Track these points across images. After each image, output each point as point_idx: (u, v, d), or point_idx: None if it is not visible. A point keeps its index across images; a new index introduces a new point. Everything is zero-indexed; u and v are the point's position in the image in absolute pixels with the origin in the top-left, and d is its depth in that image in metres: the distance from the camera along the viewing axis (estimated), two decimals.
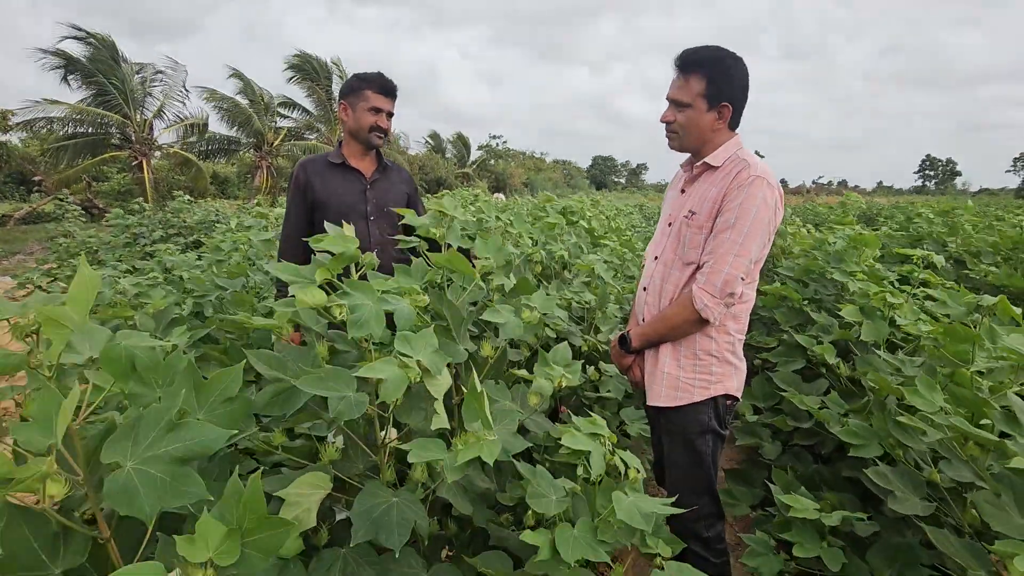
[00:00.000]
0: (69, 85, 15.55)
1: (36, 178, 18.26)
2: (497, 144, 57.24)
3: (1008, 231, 3.88)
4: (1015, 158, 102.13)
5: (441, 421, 1.19)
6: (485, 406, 1.17)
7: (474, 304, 1.97)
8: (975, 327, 1.57)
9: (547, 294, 2.48)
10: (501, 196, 15.91)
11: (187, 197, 8.60)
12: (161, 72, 17.13)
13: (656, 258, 1.70)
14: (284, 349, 1.21)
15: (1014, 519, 1.10)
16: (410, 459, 1.03)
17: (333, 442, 1.28)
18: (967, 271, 3.77)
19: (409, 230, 2.03)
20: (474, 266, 1.82)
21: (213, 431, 0.84)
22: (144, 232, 7.71)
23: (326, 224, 1.30)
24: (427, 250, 1.69)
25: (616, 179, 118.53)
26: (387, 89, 2.09)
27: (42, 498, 0.73)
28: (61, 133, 16.08)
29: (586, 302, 2.35)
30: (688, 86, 1.53)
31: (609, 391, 2.16)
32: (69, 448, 0.84)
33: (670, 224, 1.68)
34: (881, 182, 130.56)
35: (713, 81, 1.51)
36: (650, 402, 1.66)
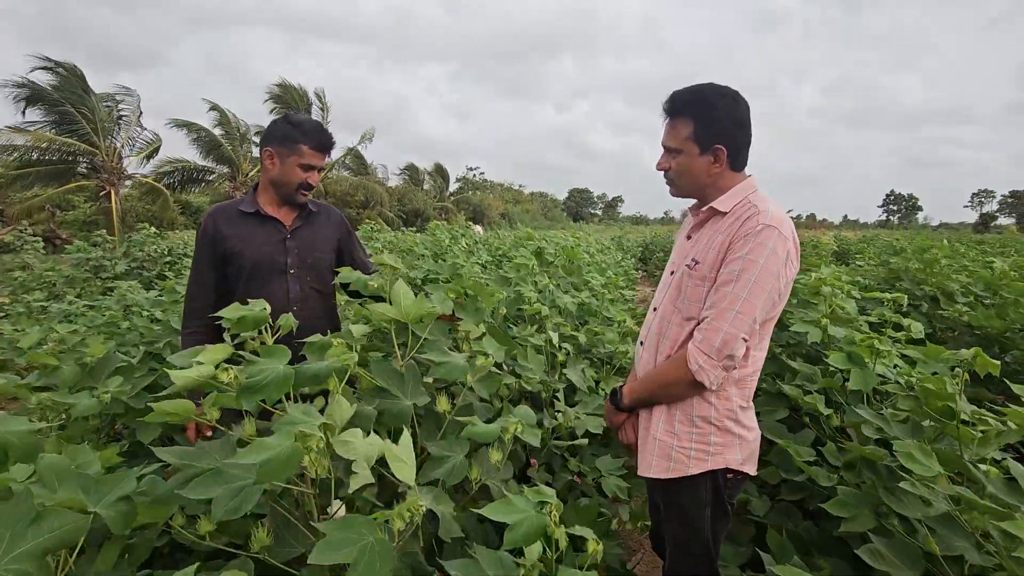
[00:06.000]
0: (24, 115, 15.23)
1: None
2: (475, 175, 57.76)
3: (980, 271, 3.92)
4: (973, 193, 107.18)
5: (363, 480, 1.05)
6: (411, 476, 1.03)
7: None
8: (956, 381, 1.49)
9: (514, 338, 2.39)
10: (479, 228, 15.89)
11: (152, 229, 8.34)
12: (113, 96, 16.85)
13: (655, 310, 1.55)
14: (205, 446, 1.08)
15: None
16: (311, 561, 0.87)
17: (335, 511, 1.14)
18: (940, 311, 3.79)
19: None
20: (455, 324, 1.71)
21: (78, 518, 0.80)
22: (107, 266, 7.42)
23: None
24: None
25: (592, 211, 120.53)
26: (325, 146, 1.85)
27: None
28: (24, 159, 15.63)
29: (551, 344, 2.24)
30: (676, 131, 1.42)
31: (577, 445, 2.03)
32: None
33: (672, 273, 1.54)
34: (847, 216, 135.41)
35: (701, 122, 1.39)
36: (641, 472, 1.50)
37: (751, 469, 1.46)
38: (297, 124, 1.80)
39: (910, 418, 1.60)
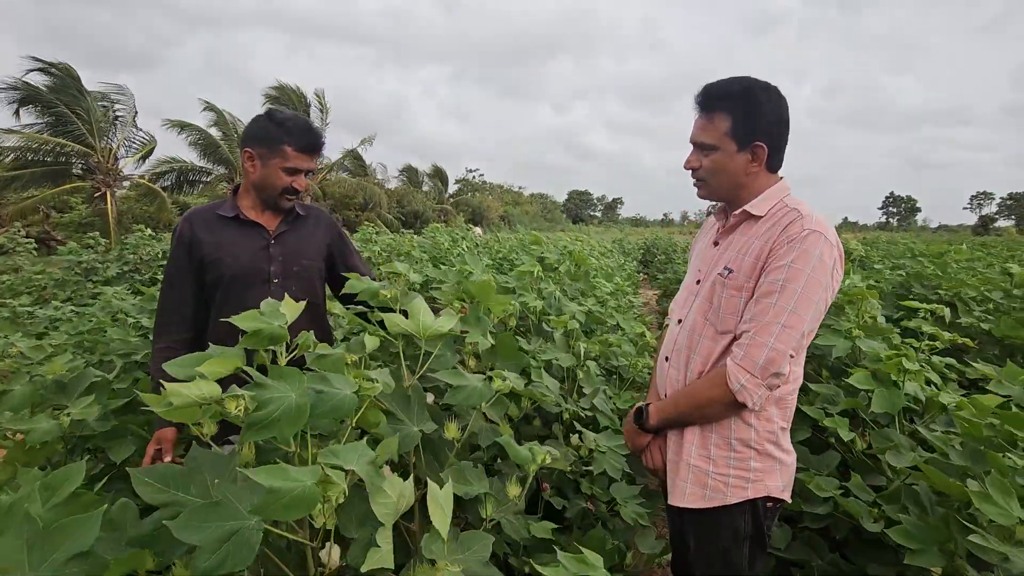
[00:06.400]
0: (19, 117, 14.99)
1: None
2: (474, 177, 57.73)
3: (996, 278, 3.78)
4: (972, 196, 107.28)
5: (383, 559, 0.90)
6: (445, 528, 0.89)
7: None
8: None
9: (521, 349, 2.24)
10: (479, 230, 15.76)
11: (148, 231, 8.18)
12: (116, 100, 16.67)
13: (680, 321, 1.43)
14: (200, 455, 0.91)
15: None
16: None
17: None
18: (958, 320, 3.64)
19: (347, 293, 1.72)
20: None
21: None
22: (98, 269, 7.26)
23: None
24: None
25: (592, 213, 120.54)
26: (312, 147, 1.67)
27: None
28: (19, 161, 15.44)
29: (567, 364, 2.09)
30: (712, 126, 1.30)
31: (590, 468, 1.87)
32: None
33: (698, 282, 1.43)
34: (847, 218, 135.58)
35: (741, 117, 1.28)
36: (671, 501, 1.37)
37: (788, 496, 1.35)
38: (280, 123, 1.63)
39: (967, 444, 1.45)
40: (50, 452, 1.63)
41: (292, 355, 1.03)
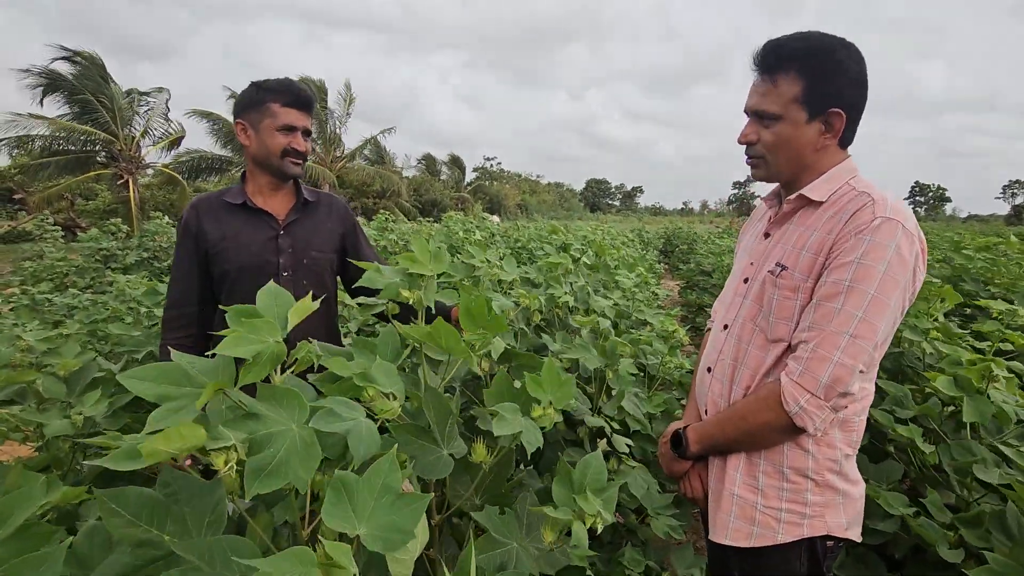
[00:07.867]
0: (42, 105, 15.16)
1: (16, 196, 17.73)
2: (491, 166, 57.51)
3: None
4: (1005, 185, 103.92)
5: None
6: None
7: (472, 379, 1.54)
8: None
9: (546, 347, 2.08)
10: (496, 218, 15.61)
11: (166, 219, 8.19)
12: (146, 94, 16.93)
13: (726, 328, 1.23)
14: (175, 480, 0.75)
15: None
16: None
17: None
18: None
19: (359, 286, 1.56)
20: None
21: None
22: (117, 256, 7.28)
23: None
24: (394, 315, 1.27)
25: (610, 202, 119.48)
26: (300, 100, 1.55)
27: None
28: (45, 148, 15.67)
29: (597, 366, 1.93)
30: (776, 90, 1.09)
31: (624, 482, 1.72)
32: None
33: (746, 281, 1.22)
34: None
35: (815, 79, 1.06)
36: (713, 537, 1.18)
37: (856, 534, 1.14)
38: (260, 85, 1.56)
39: None
40: (56, 452, 1.53)
41: (288, 370, 0.83)
